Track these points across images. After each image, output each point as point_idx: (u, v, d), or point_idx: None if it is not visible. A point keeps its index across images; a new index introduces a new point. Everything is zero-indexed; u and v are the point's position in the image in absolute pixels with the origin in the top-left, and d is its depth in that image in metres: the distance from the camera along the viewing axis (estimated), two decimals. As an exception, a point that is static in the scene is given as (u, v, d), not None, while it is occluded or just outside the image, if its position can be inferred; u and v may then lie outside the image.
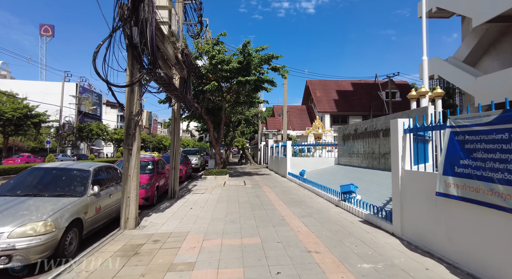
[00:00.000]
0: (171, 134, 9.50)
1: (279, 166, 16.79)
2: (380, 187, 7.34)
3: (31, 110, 30.01)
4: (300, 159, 14.47)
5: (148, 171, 9.50)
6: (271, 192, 9.98)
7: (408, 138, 4.64)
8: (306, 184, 10.43)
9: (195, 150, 23.38)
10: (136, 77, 5.57)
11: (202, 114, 14.15)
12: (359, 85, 40.07)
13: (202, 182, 13.34)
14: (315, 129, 17.46)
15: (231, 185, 12.20)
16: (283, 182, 13.04)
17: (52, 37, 58.68)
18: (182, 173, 14.53)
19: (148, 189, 8.54)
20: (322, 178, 10.86)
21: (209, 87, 12.78)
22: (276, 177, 15.28)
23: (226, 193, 9.84)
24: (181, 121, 21.66)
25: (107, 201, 5.76)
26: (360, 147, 10.80)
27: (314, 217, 6.25)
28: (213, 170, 14.81)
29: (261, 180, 13.86)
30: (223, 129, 15.75)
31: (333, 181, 9.76)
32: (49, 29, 57.37)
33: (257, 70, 13.88)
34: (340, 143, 13.05)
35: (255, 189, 10.89)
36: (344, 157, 12.53)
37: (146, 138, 61.60)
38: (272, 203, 7.96)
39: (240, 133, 28.70)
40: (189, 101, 9.12)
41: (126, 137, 5.64)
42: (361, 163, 10.66)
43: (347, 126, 12.22)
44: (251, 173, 18.00)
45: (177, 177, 9.44)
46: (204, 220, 6.14)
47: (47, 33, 57.61)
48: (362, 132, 10.55)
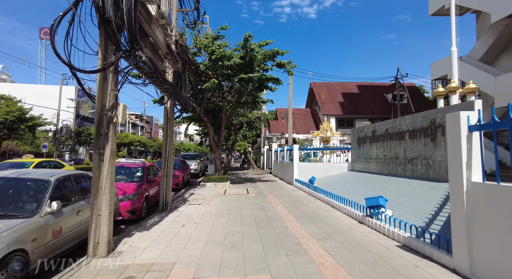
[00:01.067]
0: (163, 135, 8.27)
1: (285, 172, 15.48)
2: (414, 199, 6.03)
3: (25, 113, 28.99)
4: (308, 164, 13.17)
5: (136, 179, 8.25)
6: (278, 203, 8.67)
7: (476, 137, 3.36)
8: (318, 194, 9.12)
9: (195, 155, 22.12)
10: (110, 60, 4.34)
11: (200, 115, 12.93)
12: (365, 87, 38.88)
13: (201, 190, 12.05)
14: (323, 132, 16.20)
15: (233, 193, 10.90)
16: (290, 190, 11.72)
17: (52, 40, 57.97)
18: (179, 180, 13.28)
19: (135, 200, 7.27)
20: (336, 187, 9.54)
21: (208, 85, 11.57)
22: (281, 184, 13.97)
23: (227, 204, 8.54)
24: (179, 124, 20.46)
25: (74, 220, 4.49)
26: (379, 151, 9.50)
27: (337, 239, 4.94)
28: (212, 177, 13.53)
29: (266, 188, 12.55)
30: (224, 132, 14.50)
31: (350, 191, 8.44)
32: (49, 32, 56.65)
33: (261, 67, 12.68)
34: (354, 147, 11.75)
35: (259, 198, 9.58)
36: (359, 163, 11.21)
37: (146, 142, 60.53)
38: (281, 218, 6.66)
39: (242, 137, 27.46)
40: (184, 98, 7.89)
41: (97, 138, 4.39)
42: (381, 170, 9.35)
43: (363, 127, 10.95)
44: (254, 180, 16.69)
45: (169, 186, 8.16)
46: (198, 243, 4.85)
47: (47, 36, 56.93)
48: (382, 134, 9.26)
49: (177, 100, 7.85)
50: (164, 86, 6.61)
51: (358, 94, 37.75)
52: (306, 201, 8.91)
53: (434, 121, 6.74)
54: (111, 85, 4.45)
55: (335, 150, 14.80)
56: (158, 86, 6.52)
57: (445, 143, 6.37)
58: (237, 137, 21.22)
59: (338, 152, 14.73)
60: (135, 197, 7.30)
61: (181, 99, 7.62)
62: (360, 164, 11.05)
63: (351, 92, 37.84)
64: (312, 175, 12.56)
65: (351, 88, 38.99)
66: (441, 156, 6.47)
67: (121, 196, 7.11)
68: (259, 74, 12.50)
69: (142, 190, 7.75)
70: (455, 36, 11.24)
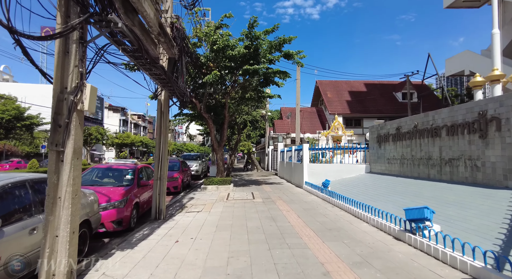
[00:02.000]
0: (156, 133, 7.11)
1: (293, 173, 14.27)
2: (465, 210, 4.80)
3: (22, 112, 28.08)
4: (320, 166, 11.94)
5: (125, 182, 7.09)
6: (289, 210, 7.47)
7: None
8: (336, 200, 7.90)
9: (196, 155, 20.98)
10: (71, 23, 3.19)
11: (201, 112, 11.77)
12: (373, 86, 37.56)
13: (201, 194, 10.88)
14: (333, 131, 14.97)
15: (236, 198, 9.71)
16: (300, 194, 10.51)
17: (53, 39, 57.34)
18: (177, 182, 12.15)
19: (122, 208, 6.11)
20: (355, 192, 8.32)
21: (209, 77, 10.41)
22: (289, 187, 12.76)
23: (230, 212, 7.36)
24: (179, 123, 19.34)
25: (24, 241, 3.34)
26: (405, 151, 8.26)
27: (376, 265, 3.73)
28: (214, 179, 12.37)
29: (273, 192, 11.35)
30: (227, 130, 13.32)
31: (375, 197, 7.21)
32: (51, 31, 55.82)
33: (267, 58, 11.50)
34: (372, 146, 10.51)
35: (267, 205, 8.39)
36: (379, 164, 9.97)
37: (148, 142, 59.69)
38: (297, 231, 5.45)
39: (246, 137, 26.30)
40: (180, 89, 6.73)
41: (53, 131, 3.23)
42: (408, 172, 8.11)
43: (383, 124, 9.72)
44: (259, 182, 15.50)
45: (163, 191, 6.99)
46: (192, 271, 3.67)
47: (48, 35, 56.29)
48: (410, 131, 8.02)
49: (172, 90, 6.69)
50: (153, 70, 5.46)
51: (365, 92, 36.46)
52: (322, 208, 7.69)
53: (485, 114, 5.51)
54: (74, 59, 3.29)
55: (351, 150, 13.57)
56: (147, 70, 5.36)
57: (502, 140, 5.14)
58: (240, 137, 20.06)
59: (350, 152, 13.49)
60: (121, 205, 6.14)
61: (176, 88, 6.46)
62: (380, 165, 9.81)
63: (358, 91, 36.55)
64: (324, 177, 11.34)
65: (358, 87, 37.70)
66: (496, 156, 5.24)
67: (105, 204, 5.96)
68: (265, 65, 11.34)
69: (131, 196, 6.60)
70: (497, 18, 9.83)
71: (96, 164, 8.40)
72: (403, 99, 35.55)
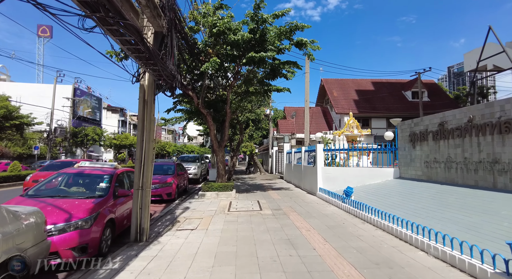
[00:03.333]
0: (137, 127, 5.49)
1: (303, 178, 12.62)
2: None
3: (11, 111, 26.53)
4: (337, 170, 10.28)
5: (98, 193, 5.46)
6: (310, 229, 5.81)
7: None
8: (366, 214, 6.24)
9: (194, 157, 19.34)
10: None
11: (199, 107, 10.14)
12: (381, 84, 35.93)
13: (198, 203, 9.24)
14: (348, 129, 13.33)
15: (240, 209, 8.07)
16: (315, 204, 8.85)
17: (50, 38, 56.02)
18: (171, 189, 10.54)
19: (87, 229, 4.48)
20: (388, 203, 6.66)
21: (208, 65, 8.80)
22: (300, 194, 11.10)
23: (233, 231, 5.71)
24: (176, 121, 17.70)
25: None
26: (454, 152, 6.63)
27: None
28: (214, 184, 10.73)
29: (282, 200, 9.70)
30: (228, 128, 11.69)
31: (419, 211, 5.55)
32: (47, 30, 54.71)
33: (275, 45, 9.88)
34: (403, 147, 8.87)
35: (279, 219, 6.74)
36: (412, 168, 8.32)
37: (147, 144, 57.93)
38: (330, 268, 3.80)
39: (248, 137, 24.66)
40: (167, 69, 5.11)
41: None
42: (461, 179, 6.46)
43: (419, 120, 8.08)
44: (265, 187, 13.85)
45: (146, 205, 5.35)
46: None
47: (45, 34, 54.98)
48: (461, 127, 6.38)
49: (157, 71, 5.07)
50: (125, 37, 3.84)
51: (373, 91, 34.89)
52: (350, 225, 6.03)
53: None
54: None
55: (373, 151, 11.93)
56: (114, 34, 3.73)
57: None
58: (243, 137, 18.42)
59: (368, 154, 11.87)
60: (87, 224, 4.50)
61: (162, 68, 4.83)
62: (414, 169, 8.16)
63: (365, 89, 34.95)
64: (343, 183, 9.70)
65: (365, 85, 36.07)
66: None
67: (62, 224, 4.33)
68: (274, 53, 9.73)
69: (103, 210, 4.97)
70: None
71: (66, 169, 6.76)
72: (413, 98, 33.90)
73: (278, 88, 10.80)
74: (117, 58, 9.00)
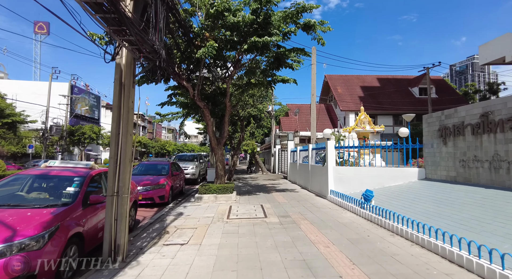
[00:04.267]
0: (112, 117, 4.36)
1: (310, 178, 11.49)
2: None
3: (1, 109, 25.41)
4: (350, 170, 9.13)
5: (65, 199, 4.35)
6: (329, 244, 4.67)
7: None
8: (397, 225, 5.10)
9: (192, 156, 18.21)
10: None
11: (195, 99, 9.01)
12: (387, 81, 34.76)
13: (194, 208, 8.12)
14: (359, 125, 12.19)
15: (241, 215, 6.94)
16: (328, 209, 7.71)
17: (47, 34, 54.94)
18: (164, 191, 9.45)
19: (36, 251, 3.36)
20: (419, 210, 5.52)
21: (204, 51, 7.66)
22: (308, 197, 9.96)
23: (233, 247, 4.59)
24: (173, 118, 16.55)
25: None
26: (507, 149, 5.45)
27: None
28: (212, 186, 9.61)
29: (289, 204, 8.57)
30: (228, 124, 10.53)
31: (468, 223, 4.41)
32: (44, 26, 53.63)
33: (280, 29, 8.74)
34: (430, 143, 7.72)
35: (288, 230, 5.61)
36: (443, 168, 7.18)
37: (148, 143, 57.17)
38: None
39: (250, 135, 23.53)
40: (147, 43, 3.97)
41: None
42: (506, 181, 5.30)
43: (452, 111, 6.94)
44: (268, 188, 12.72)
45: (122, 216, 4.21)
46: None
47: (42, 30, 53.89)
48: (511, 118, 5.21)
49: (134, 45, 3.93)
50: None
51: (378, 87, 33.71)
52: (378, 239, 4.89)
53: None
54: None
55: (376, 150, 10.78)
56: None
57: None
58: (244, 134, 17.28)
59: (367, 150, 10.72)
60: (37, 244, 3.40)
61: (137, 36, 3.69)
62: (446, 170, 7.02)
63: (370, 86, 33.78)
64: (358, 185, 8.58)
65: (371, 81, 34.89)
66: None
67: (1, 245, 3.21)
68: (279, 38, 8.59)
69: (65, 223, 3.87)
70: None
71: (29, 169, 5.60)
72: (420, 95, 32.70)
73: (284, 78, 9.65)
74: (101, 42, 7.88)
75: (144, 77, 9.40)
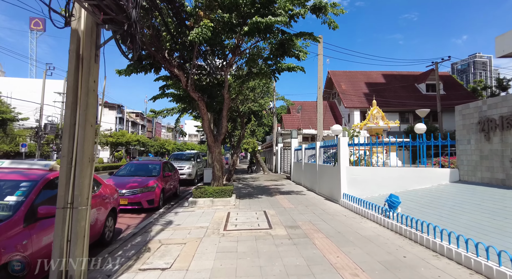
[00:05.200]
0: (66, 102, 3.25)
1: (318, 180, 10.35)
2: None
3: (-10, 106, 24.34)
4: (367, 170, 7.98)
5: (2, 212, 3.20)
6: (357, 271, 3.53)
7: None
8: (446, 245, 3.96)
9: (189, 155, 17.07)
10: None
11: (188, 89, 7.86)
12: (392, 77, 33.59)
13: (185, 215, 6.98)
14: (372, 121, 11.03)
15: (241, 226, 5.81)
16: (343, 217, 6.57)
17: (43, 31, 53.74)
18: (154, 194, 8.37)
19: None
20: (464, 223, 4.39)
21: (198, 32, 6.51)
22: (316, 201, 8.83)
23: (229, 275, 3.45)
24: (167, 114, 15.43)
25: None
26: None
27: None
28: (208, 189, 8.48)
29: (297, 210, 7.43)
30: (226, 118, 9.35)
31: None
32: (40, 22, 52.35)
33: (286, 9, 7.60)
34: (465, 139, 6.59)
35: (300, 248, 4.47)
36: (486, 169, 6.04)
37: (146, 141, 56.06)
38: None
39: (250, 133, 22.40)
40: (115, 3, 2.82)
41: None
42: None
43: (498, 99, 5.81)
44: (270, 190, 11.59)
45: (79, 235, 3.05)
46: None
47: (38, 27, 52.64)
48: None
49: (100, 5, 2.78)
50: None
51: (384, 84, 32.51)
52: (421, 263, 3.74)
53: None
54: None
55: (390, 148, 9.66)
56: None
57: None
58: (244, 132, 16.14)
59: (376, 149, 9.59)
60: None
61: None
62: (490, 171, 5.88)
63: (376, 82, 32.59)
64: (376, 187, 7.47)
65: (376, 78, 33.71)
66: None
67: None
68: (285, 19, 7.43)
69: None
70: None
71: None
72: (428, 91, 31.51)
73: (290, 66, 8.47)
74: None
75: (131, 66, 8.29)
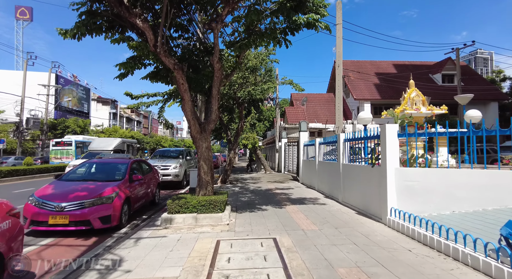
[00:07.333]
0: None
1: (343, 184, 7.67)
2: None
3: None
4: (429, 173, 5.27)
5: None
6: None
7: None
8: None
9: (177, 151, 14.39)
10: None
11: (156, 51, 5.14)
12: (404, 67, 30.94)
13: (148, 249, 4.29)
14: (410, 106, 8.38)
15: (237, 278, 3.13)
16: (410, 255, 3.92)
17: (30, 21, 50.63)
18: (112, 208, 5.71)
19: None
20: None
21: None
22: (346, 216, 6.17)
23: None
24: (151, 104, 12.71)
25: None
26: None
27: None
28: (191, 200, 5.80)
29: (325, 237, 4.76)
30: (217, 99, 6.58)
31: None
32: (26, 11, 49.28)
33: None
34: None
35: None
36: None
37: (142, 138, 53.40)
38: None
39: (250, 126, 19.71)
40: None
41: None
42: None
43: None
44: (277, 196, 8.94)
45: None
46: None
47: (24, 16, 49.54)
48: None
49: None
50: None
51: (395, 74, 29.76)
52: None
53: None
54: None
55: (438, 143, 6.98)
56: None
57: None
58: (243, 124, 13.45)
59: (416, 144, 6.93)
60: None
61: None
62: None
63: (386, 72, 29.90)
64: (444, 200, 4.81)
65: (386, 68, 31.05)
66: None
67: None
68: None
69: None
70: None
71: None
72: (443, 82, 28.85)
73: (310, 20, 5.73)
74: None
75: (79, 23, 5.52)
